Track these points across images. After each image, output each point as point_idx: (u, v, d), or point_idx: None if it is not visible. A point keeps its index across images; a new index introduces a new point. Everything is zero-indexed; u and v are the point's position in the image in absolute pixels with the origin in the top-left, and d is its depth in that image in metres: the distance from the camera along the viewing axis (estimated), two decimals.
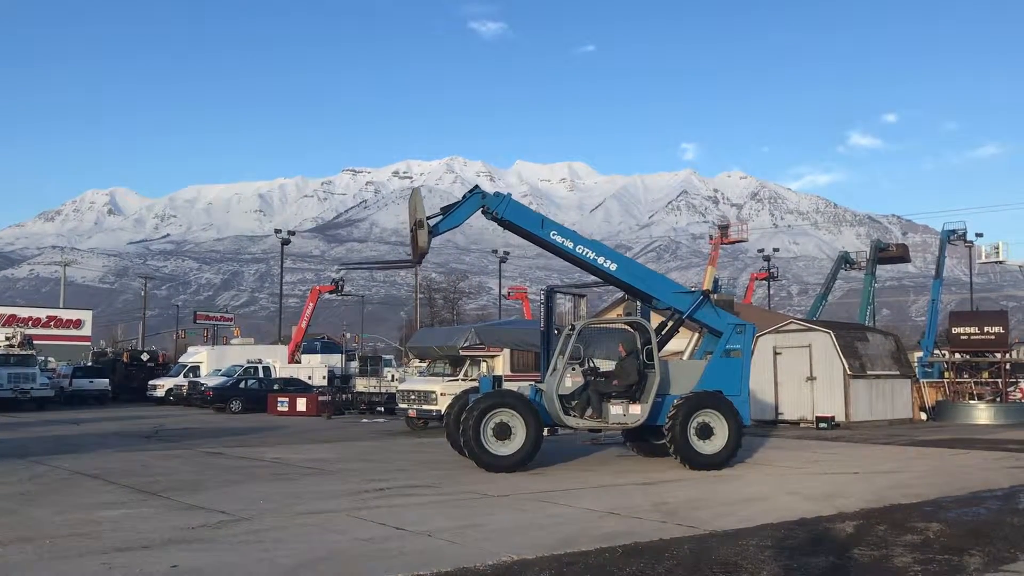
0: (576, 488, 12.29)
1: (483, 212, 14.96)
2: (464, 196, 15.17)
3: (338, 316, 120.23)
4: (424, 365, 30.55)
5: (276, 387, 36.36)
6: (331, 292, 56.88)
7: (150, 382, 44.58)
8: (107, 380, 43.39)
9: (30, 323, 58.09)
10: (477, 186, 15.16)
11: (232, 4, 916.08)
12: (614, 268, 15.40)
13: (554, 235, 15.15)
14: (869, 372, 25.76)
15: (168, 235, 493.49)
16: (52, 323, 61.06)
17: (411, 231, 14.71)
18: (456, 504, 10.93)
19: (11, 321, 55.77)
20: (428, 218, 14.65)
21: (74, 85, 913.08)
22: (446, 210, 15.05)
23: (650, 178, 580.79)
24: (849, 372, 24.94)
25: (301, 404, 32.68)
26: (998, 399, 28.02)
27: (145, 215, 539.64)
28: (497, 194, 15.09)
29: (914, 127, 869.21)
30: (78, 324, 62.67)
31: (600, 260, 15.32)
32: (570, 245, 15.26)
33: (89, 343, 64.22)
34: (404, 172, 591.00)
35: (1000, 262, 52.47)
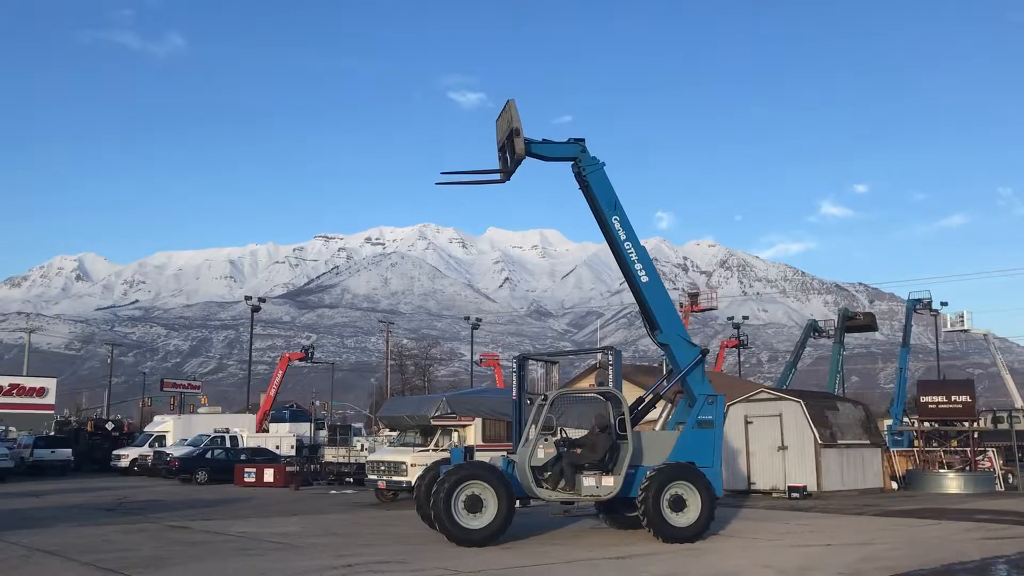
0: (548, 563, 12.13)
1: (572, 163, 15.47)
2: (568, 139, 15.52)
3: (307, 383, 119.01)
4: (394, 434, 30.22)
5: (243, 457, 35.74)
6: (301, 359, 56.46)
7: (114, 452, 43.73)
8: (70, 450, 42.38)
9: None
10: (583, 139, 15.50)
11: (203, 69, 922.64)
12: (644, 280, 15.79)
13: (615, 220, 15.66)
14: (840, 441, 25.85)
15: (137, 301, 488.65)
16: (14, 391, 59.83)
17: (500, 148, 15.03)
18: None
19: None
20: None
21: (44, 151, 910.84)
22: (544, 140, 15.35)
23: None
24: (820, 441, 25.00)
25: (268, 475, 32.14)
26: (967, 468, 28.17)
27: (114, 281, 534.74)
28: (595, 157, 15.52)
29: (884, 197, 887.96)
30: (41, 392, 61.46)
31: (637, 266, 15.75)
32: (622, 236, 15.71)
33: (53, 412, 62.83)
34: (376, 238, 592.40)
35: (965, 330, 53.38)
